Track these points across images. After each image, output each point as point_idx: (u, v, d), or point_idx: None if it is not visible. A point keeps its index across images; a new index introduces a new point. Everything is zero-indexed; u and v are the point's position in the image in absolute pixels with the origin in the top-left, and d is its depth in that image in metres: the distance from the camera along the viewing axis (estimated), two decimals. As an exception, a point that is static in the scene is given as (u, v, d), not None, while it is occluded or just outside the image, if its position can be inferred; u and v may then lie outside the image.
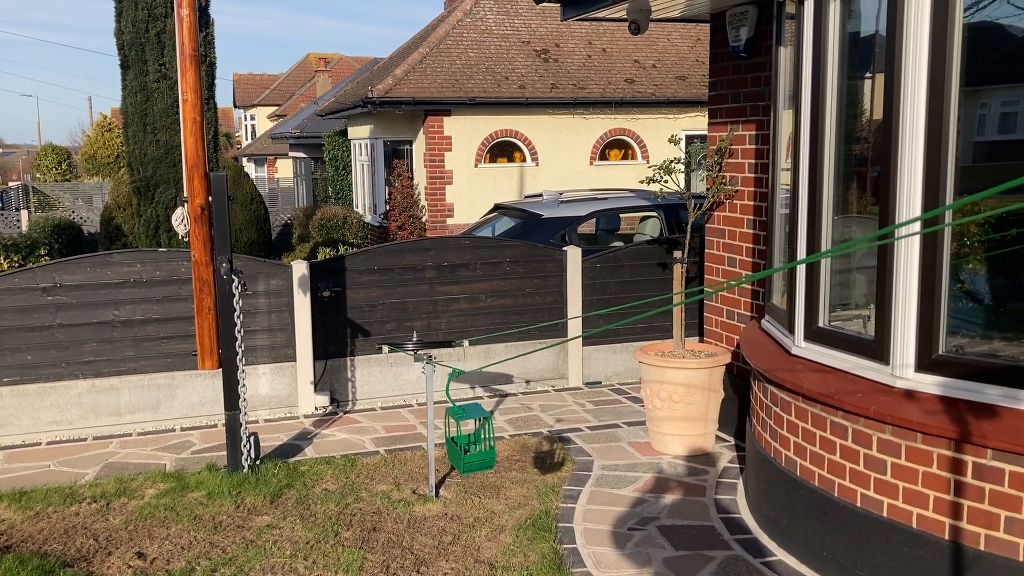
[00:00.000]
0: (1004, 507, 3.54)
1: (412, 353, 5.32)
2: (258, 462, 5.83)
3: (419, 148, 16.37)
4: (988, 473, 3.58)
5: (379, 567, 4.44)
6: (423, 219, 16.08)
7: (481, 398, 7.55)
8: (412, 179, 16.51)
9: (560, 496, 5.29)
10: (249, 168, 37.65)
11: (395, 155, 17.46)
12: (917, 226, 3.88)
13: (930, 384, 3.85)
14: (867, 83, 4.51)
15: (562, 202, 9.65)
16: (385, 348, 5.43)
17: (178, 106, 5.56)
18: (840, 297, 4.71)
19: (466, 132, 16.04)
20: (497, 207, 10.59)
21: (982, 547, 3.62)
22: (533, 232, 8.99)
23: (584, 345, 7.97)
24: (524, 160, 16.50)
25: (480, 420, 5.07)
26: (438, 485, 5.47)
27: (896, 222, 3.90)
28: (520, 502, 5.21)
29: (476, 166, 16.14)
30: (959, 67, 3.73)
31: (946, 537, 3.73)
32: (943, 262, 3.83)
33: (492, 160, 16.35)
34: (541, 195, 10.30)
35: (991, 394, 3.65)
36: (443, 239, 7.78)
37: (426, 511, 5.11)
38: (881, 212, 4.03)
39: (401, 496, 5.33)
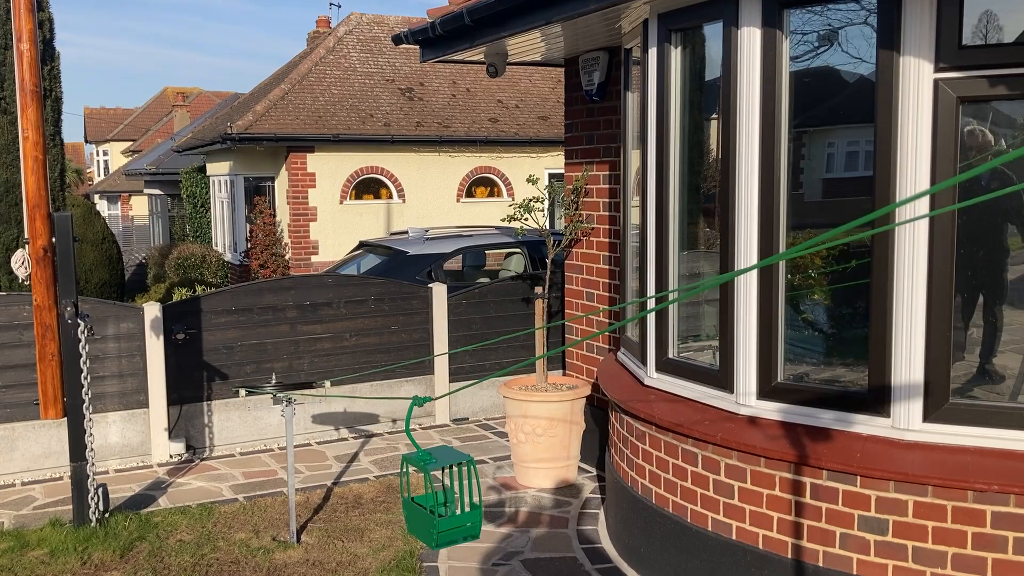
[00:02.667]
0: (839, 524, 3.78)
1: (272, 395, 5.21)
2: (107, 515, 5.54)
3: (282, 185, 16.10)
4: (824, 493, 3.81)
5: (237, 619, 4.29)
6: (286, 257, 15.78)
7: (346, 439, 7.44)
8: (275, 216, 16.20)
9: (425, 535, 5.25)
10: (101, 205, 35.97)
11: (256, 192, 17.10)
12: (755, 258, 4.12)
13: (771, 411, 4.08)
14: (708, 126, 4.78)
15: (428, 239, 9.69)
16: (242, 391, 5.30)
17: (19, 143, 5.29)
18: (691, 329, 4.94)
19: (331, 169, 15.90)
20: (362, 244, 10.54)
21: (821, 563, 3.84)
22: (399, 269, 8.98)
23: (451, 381, 7.99)
24: (391, 197, 16.48)
25: (456, 467, 3.25)
26: (300, 530, 5.35)
27: (735, 257, 4.14)
28: (384, 544, 5.15)
29: (341, 203, 16.00)
30: (788, 112, 4.01)
31: (789, 556, 3.94)
32: (779, 296, 4.08)
33: (358, 197, 16.25)
34: (407, 232, 10.32)
35: (825, 418, 3.89)
36: (305, 277, 7.66)
37: (287, 558, 4.98)
38: (722, 248, 4.27)
39: (261, 544, 5.18)
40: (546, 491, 6.02)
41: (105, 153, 44.71)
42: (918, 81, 3.55)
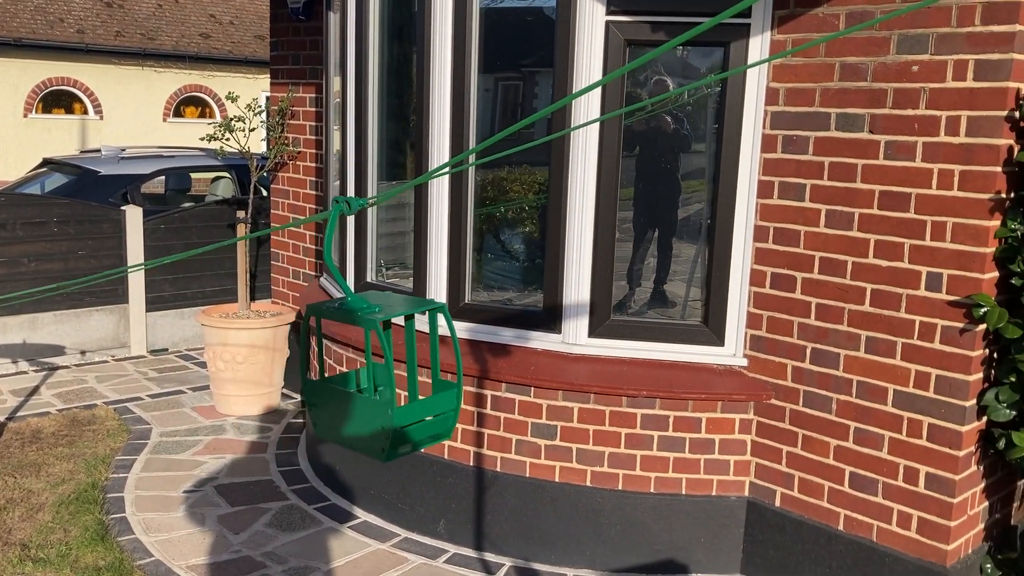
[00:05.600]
0: (515, 432, 4.10)
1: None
2: None
3: (-49, 92, 14.15)
4: (503, 403, 4.11)
5: None
6: (-41, 175, 13.97)
7: (26, 372, 6.84)
8: (-57, 128, 14.24)
9: (111, 467, 5.02)
10: None
11: (-81, 99, 14.90)
12: (447, 190, 4.28)
13: (460, 330, 4.29)
14: (406, 54, 4.83)
15: (123, 158, 8.98)
16: None
17: None
18: (397, 256, 5.03)
19: (12, 77, 14.19)
20: (47, 162, 9.55)
21: (499, 469, 4.15)
22: (89, 190, 8.26)
23: (149, 311, 7.57)
24: (86, 112, 15.06)
25: (421, 317, 2.04)
26: (-36, 469, 4.89)
27: (428, 188, 4.27)
28: (65, 478, 4.85)
29: (26, 116, 14.38)
30: (478, 47, 4.15)
31: (471, 464, 4.22)
32: (467, 225, 4.27)
33: (46, 111, 14.68)
34: (100, 151, 9.50)
35: (506, 335, 4.18)
36: (-28, 195, 6.85)
37: (-54, 499, 4.55)
38: (417, 177, 4.38)
39: (-86, 486, 4.68)
40: (248, 418, 5.94)
41: None
42: (592, 22, 3.82)
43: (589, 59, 3.84)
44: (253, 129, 6.15)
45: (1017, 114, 3.19)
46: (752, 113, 3.80)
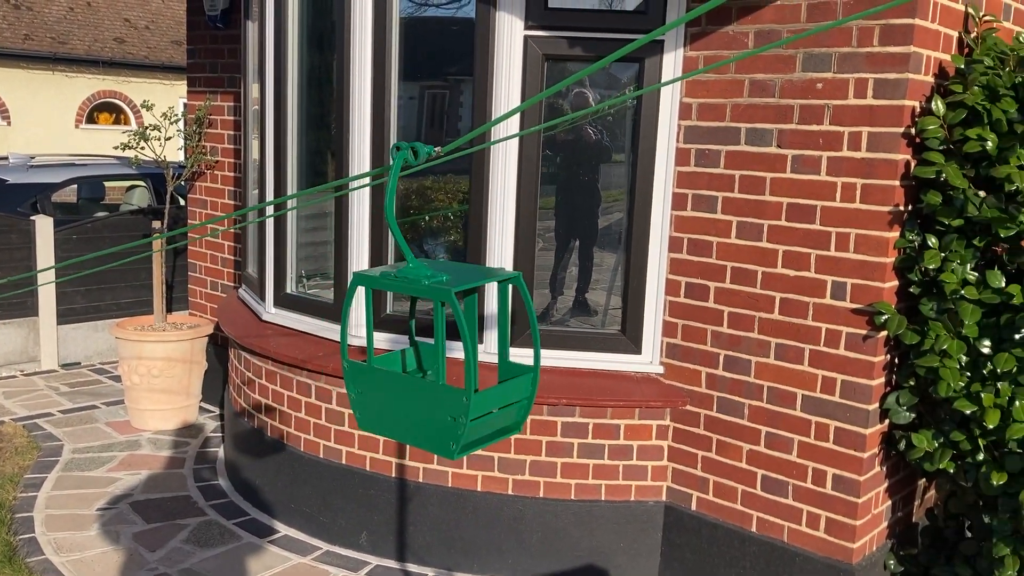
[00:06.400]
0: (437, 442, 4.11)
1: None
2: None
3: None
4: (424, 414, 4.11)
5: None
6: None
7: (-73, 389, 6.55)
8: None
9: (20, 486, 4.85)
10: None
11: None
12: (367, 201, 4.28)
13: (380, 340, 4.28)
14: (326, 62, 4.81)
15: (32, 167, 8.70)
16: None
17: None
18: (318, 266, 4.99)
19: (-88, 80, 13.61)
20: (-50, 170, 9.18)
21: (421, 479, 4.16)
22: (-5, 199, 7.98)
23: (60, 324, 7.33)
24: (-8, 118, 14.52)
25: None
26: None
27: (349, 200, 4.26)
28: (-31, 498, 4.68)
29: (-73, 122, 13.79)
30: (399, 56, 4.17)
31: (393, 475, 4.21)
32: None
33: (-51, 116, 14.11)
34: (7, 158, 9.18)
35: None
36: None
37: None
38: (338, 188, 4.36)
39: None
40: (165, 433, 5.81)
41: None
42: (511, 36, 3.87)
43: (508, 73, 3.89)
44: (169, 138, 6.03)
45: (913, 131, 3.36)
46: (666, 127, 3.91)
